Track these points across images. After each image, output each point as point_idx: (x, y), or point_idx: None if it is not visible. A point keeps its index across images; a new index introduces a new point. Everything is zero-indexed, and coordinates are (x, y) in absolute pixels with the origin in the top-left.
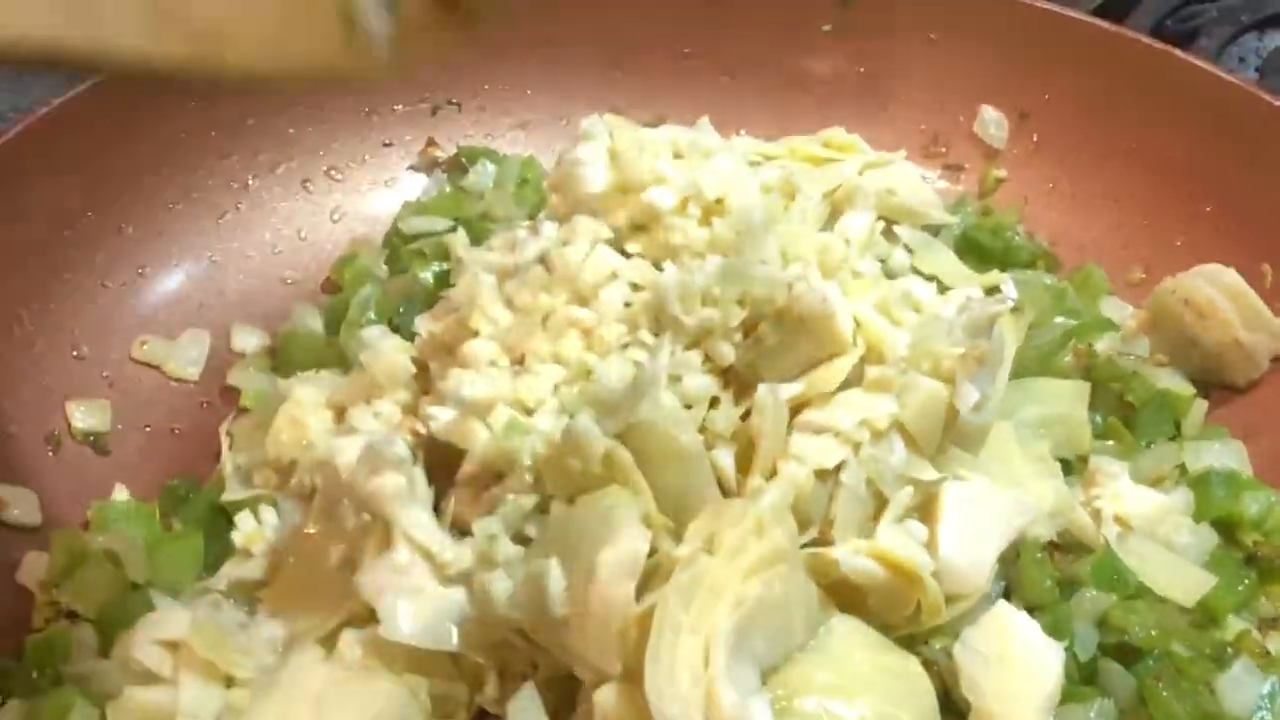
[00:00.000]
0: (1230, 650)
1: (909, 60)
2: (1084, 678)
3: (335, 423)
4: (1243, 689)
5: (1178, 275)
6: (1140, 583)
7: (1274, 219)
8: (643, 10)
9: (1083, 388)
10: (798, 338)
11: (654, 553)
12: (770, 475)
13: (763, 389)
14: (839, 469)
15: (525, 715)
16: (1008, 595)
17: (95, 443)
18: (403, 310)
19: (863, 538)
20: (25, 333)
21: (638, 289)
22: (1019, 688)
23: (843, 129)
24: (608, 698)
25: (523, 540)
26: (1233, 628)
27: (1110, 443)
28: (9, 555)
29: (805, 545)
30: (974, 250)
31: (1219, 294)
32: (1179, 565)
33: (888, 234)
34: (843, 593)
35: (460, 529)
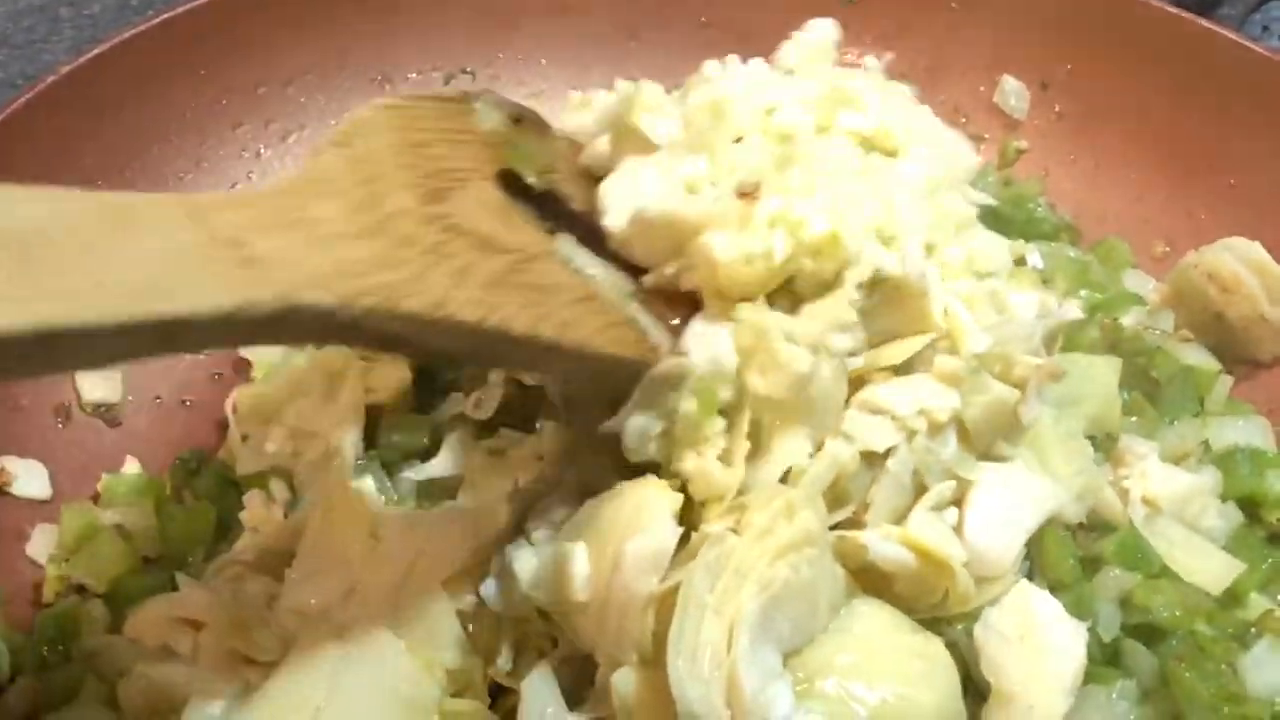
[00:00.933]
0: (1254, 630)
1: (929, 30)
2: (1106, 658)
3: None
4: (1266, 669)
5: (1201, 249)
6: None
7: None
8: None
9: (1114, 363)
10: (884, 307)
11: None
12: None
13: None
14: (887, 454)
15: (539, 694)
16: (1030, 574)
17: (105, 414)
18: None
19: (894, 523)
20: None
21: None
22: (1041, 668)
23: None
24: (625, 680)
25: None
26: (1256, 607)
27: (1135, 419)
28: (19, 528)
29: (835, 526)
30: (996, 221)
31: (1244, 268)
32: (1207, 550)
33: None
34: (870, 578)
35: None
